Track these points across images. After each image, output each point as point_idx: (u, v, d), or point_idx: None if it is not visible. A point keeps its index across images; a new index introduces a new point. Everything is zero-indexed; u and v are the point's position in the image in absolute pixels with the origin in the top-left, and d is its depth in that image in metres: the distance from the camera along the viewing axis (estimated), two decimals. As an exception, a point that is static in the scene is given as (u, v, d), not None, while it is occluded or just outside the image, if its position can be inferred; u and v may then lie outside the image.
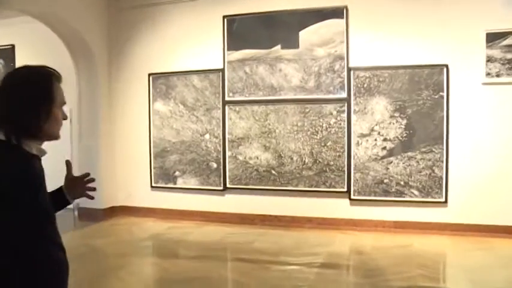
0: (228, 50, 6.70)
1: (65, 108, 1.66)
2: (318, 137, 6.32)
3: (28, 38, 8.15)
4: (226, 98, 6.73)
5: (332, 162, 6.27)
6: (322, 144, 6.31)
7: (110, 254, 5.15)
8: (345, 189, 6.22)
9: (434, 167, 5.88)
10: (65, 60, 7.39)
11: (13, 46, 8.32)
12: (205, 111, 6.88)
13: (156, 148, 7.19)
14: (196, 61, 6.91)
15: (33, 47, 8.16)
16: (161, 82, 7.13)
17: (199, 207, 6.92)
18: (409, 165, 5.97)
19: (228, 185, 6.77)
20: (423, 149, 5.92)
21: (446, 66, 5.79)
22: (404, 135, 5.98)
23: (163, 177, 7.17)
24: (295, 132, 6.43)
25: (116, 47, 7.44)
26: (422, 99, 5.90)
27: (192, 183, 6.99)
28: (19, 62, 8.23)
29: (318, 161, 6.34)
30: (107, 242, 5.63)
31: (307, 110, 6.36)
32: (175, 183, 7.10)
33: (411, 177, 5.97)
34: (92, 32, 7.14)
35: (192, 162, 6.99)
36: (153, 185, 7.23)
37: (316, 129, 6.32)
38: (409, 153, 5.97)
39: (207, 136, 6.89)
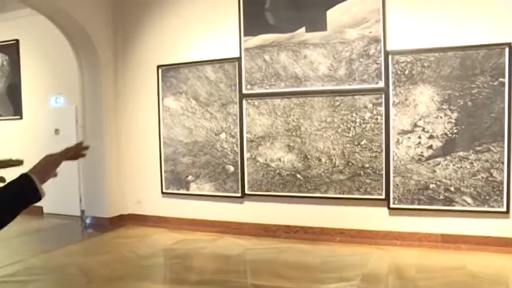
0: (245, 35, 5.88)
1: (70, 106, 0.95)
2: (351, 135, 5.41)
3: (33, 32, 7.60)
4: (244, 91, 5.90)
5: (367, 165, 5.35)
6: (356, 143, 5.39)
7: (100, 277, 4.37)
8: (383, 197, 5.32)
9: (492, 170, 4.89)
10: (71, 55, 6.74)
11: (17, 41, 7.76)
12: (220, 106, 6.06)
13: (167, 149, 6.42)
14: (210, 50, 6.14)
15: (38, 41, 7.62)
16: (171, 75, 6.35)
17: (214, 217, 6.15)
18: (461, 167, 4.98)
19: (246, 192, 5.96)
20: (478, 148, 4.92)
21: (509, 45, 4.75)
22: (455, 131, 5.00)
23: (175, 182, 6.39)
24: (323, 130, 5.53)
25: (121, 38, 6.74)
26: (477, 87, 4.89)
27: (206, 189, 6.19)
28: (24, 57, 7.70)
29: (350, 163, 5.42)
30: (103, 261, 4.87)
31: (337, 103, 5.46)
32: (188, 189, 6.31)
33: (463, 182, 4.99)
34: (95, 21, 6.44)
35: (207, 166, 6.18)
36: (164, 190, 6.48)
37: (348, 125, 5.42)
38: (461, 153, 4.99)
39: (222, 135, 6.06)
